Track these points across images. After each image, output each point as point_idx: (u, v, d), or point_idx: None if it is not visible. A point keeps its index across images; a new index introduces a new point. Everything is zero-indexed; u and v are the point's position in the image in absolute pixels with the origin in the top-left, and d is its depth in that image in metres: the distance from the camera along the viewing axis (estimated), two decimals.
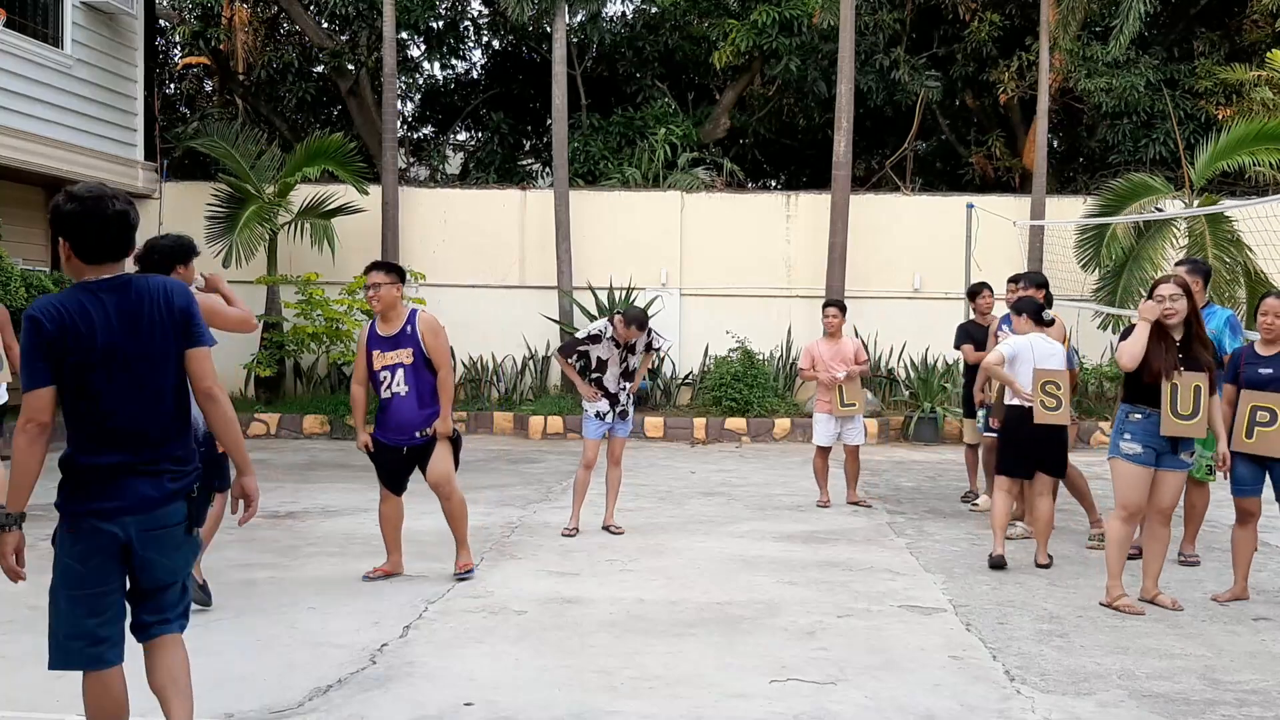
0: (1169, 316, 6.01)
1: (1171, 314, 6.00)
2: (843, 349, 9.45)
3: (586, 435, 8.12)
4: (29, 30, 13.53)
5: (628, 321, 7.96)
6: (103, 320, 3.46)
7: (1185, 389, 5.94)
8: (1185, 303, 6.03)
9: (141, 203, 16.22)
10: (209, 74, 21.51)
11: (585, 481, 8.17)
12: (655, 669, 5.02)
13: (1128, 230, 14.10)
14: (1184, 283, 6.13)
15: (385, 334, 6.50)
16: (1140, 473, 6.05)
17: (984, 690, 4.81)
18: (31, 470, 3.64)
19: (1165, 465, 6.07)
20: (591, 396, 8.01)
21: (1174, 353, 6.02)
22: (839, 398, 9.31)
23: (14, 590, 6.30)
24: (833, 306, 9.62)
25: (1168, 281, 6.13)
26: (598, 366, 8.04)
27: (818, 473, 9.52)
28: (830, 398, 9.34)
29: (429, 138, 22.99)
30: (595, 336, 8.05)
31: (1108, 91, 17.07)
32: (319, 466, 11.46)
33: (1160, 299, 6.03)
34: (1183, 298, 6.03)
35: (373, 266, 6.57)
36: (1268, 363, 6.31)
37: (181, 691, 3.67)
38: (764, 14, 17.83)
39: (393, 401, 6.46)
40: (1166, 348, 6.02)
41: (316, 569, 6.83)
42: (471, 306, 15.85)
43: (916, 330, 15.79)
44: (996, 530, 7.20)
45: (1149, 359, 6.00)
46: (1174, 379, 5.95)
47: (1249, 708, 4.64)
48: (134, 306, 3.50)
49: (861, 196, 16.44)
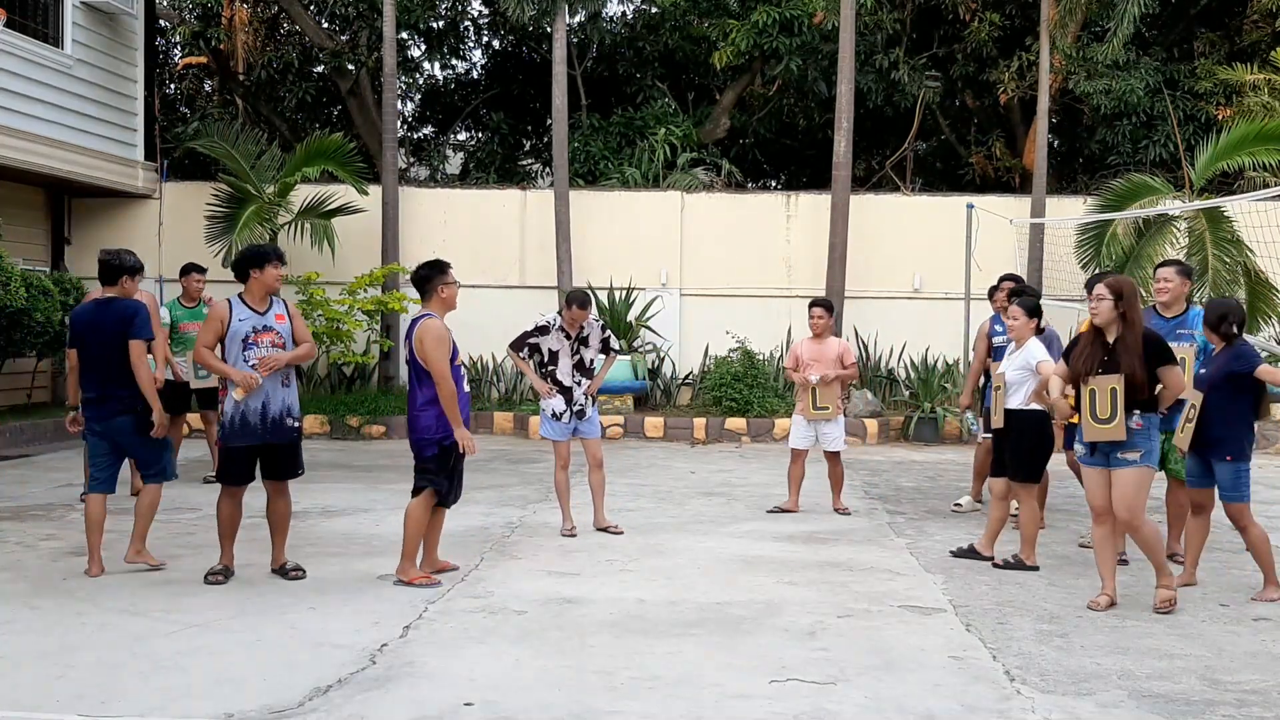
0: (1093, 315, 6.17)
1: (1094, 314, 6.16)
2: (826, 350, 9.13)
3: (549, 436, 8.08)
4: (29, 30, 13.53)
5: (569, 302, 7.99)
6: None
7: (1102, 392, 6.02)
8: (1109, 304, 6.08)
9: (141, 203, 16.24)
10: (209, 74, 21.51)
11: (563, 482, 8.15)
12: (655, 669, 5.02)
13: (1128, 230, 14.10)
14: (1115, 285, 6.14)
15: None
16: (1092, 473, 6.23)
17: (984, 690, 4.81)
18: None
19: (1114, 464, 6.11)
20: (545, 392, 7.97)
21: (1098, 356, 6.10)
22: (811, 401, 9.04)
23: (14, 590, 6.32)
24: (819, 307, 9.26)
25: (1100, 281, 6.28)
26: (550, 359, 8.02)
27: (790, 477, 9.21)
28: (805, 400, 9.12)
29: (429, 138, 23.00)
30: (544, 328, 8.03)
31: (1107, 93, 17.08)
32: (319, 466, 11.45)
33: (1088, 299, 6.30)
34: (1107, 299, 6.08)
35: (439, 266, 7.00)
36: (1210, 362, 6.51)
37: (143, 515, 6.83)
38: (764, 14, 17.84)
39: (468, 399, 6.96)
40: (1091, 352, 6.12)
41: (316, 569, 6.83)
42: (471, 306, 15.75)
43: (916, 330, 15.80)
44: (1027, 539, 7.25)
45: (1071, 364, 6.23)
46: (1090, 384, 6.06)
47: (1249, 708, 4.64)
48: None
49: (861, 196, 16.44)
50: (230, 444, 6.50)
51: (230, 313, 6.51)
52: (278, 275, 6.59)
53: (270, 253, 6.62)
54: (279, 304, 6.70)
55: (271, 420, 6.51)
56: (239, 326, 6.48)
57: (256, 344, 6.48)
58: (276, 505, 6.70)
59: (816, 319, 9.17)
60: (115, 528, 8.10)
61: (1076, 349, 6.26)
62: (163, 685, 4.72)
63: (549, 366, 8.03)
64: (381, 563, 7.04)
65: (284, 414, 6.56)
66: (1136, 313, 6.13)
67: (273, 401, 6.51)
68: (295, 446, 6.68)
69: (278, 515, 6.71)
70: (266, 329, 6.53)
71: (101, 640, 5.35)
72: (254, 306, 6.57)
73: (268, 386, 6.48)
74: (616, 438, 14.15)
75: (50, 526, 8.17)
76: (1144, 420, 6.03)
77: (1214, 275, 13.34)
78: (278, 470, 6.66)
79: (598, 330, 8.19)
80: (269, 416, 6.50)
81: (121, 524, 8.26)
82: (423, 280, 6.74)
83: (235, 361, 6.48)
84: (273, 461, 6.63)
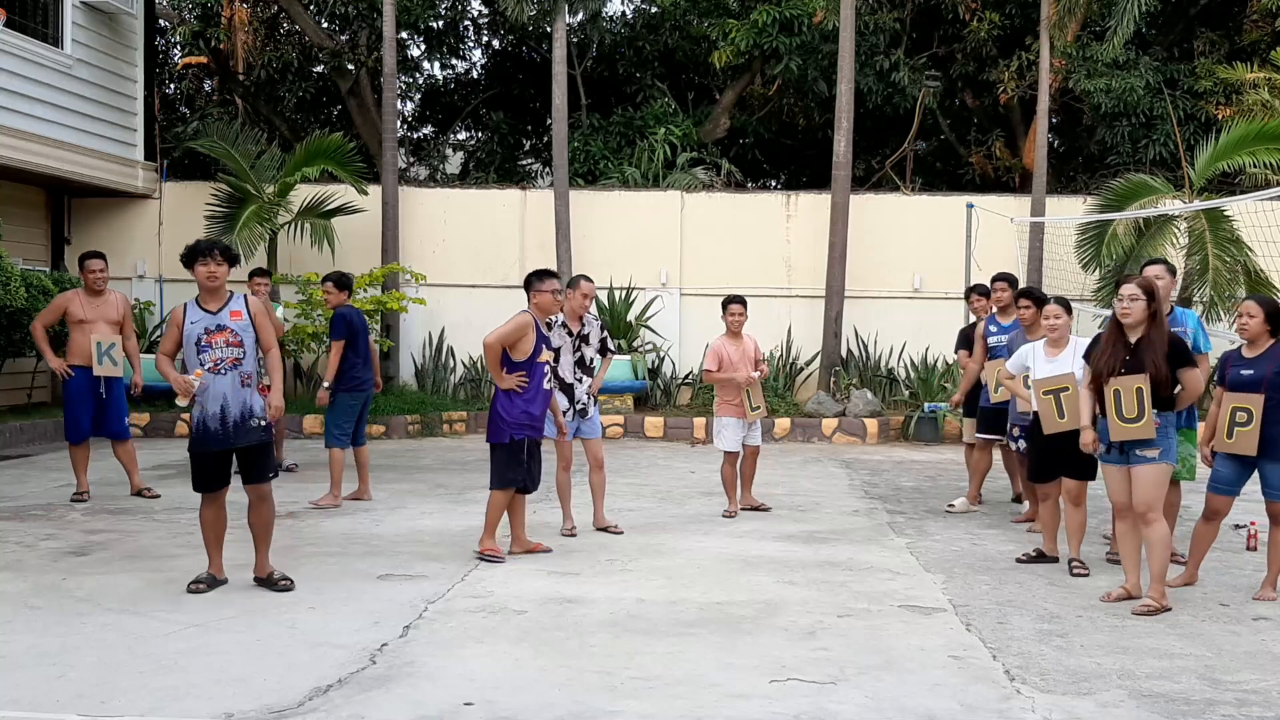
0: (1124, 316, 6.14)
1: (1126, 315, 6.12)
2: (747, 348, 8.94)
3: (550, 435, 7.98)
4: (29, 30, 13.53)
5: (573, 283, 8.09)
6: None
7: (1127, 392, 6.05)
8: (1142, 305, 6.09)
9: (141, 203, 16.25)
10: (209, 74, 21.51)
11: (565, 483, 8.16)
12: (655, 669, 5.02)
13: (1128, 230, 14.10)
14: (1147, 284, 6.17)
15: (546, 333, 7.42)
16: (1112, 471, 6.29)
17: (984, 690, 4.81)
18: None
19: (1133, 461, 6.15)
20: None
21: (1120, 356, 6.12)
22: (748, 401, 8.85)
23: (14, 590, 6.32)
24: (737, 304, 8.91)
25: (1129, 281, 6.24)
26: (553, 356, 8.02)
27: (727, 482, 8.97)
28: (740, 401, 8.83)
29: (429, 138, 23.00)
30: (547, 324, 8.03)
31: (1107, 93, 17.08)
32: (319, 466, 11.45)
33: (1120, 298, 6.16)
34: (1141, 299, 6.10)
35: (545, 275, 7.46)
36: (1249, 364, 6.37)
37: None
38: (764, 14, 17.84)
39: (548, 395, 7.39)
40: (1113, 352, 6.14)
41: (316, 569, 6.83)
42: (472, 306, 15.85)
43: (916, 330, 15.80)
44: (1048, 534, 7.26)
45: (1094, 363, 6.22)
46: (1114, 383, 6.07)
47: (1249, 708, 4.64)
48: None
49: (861, 196, 16.44)
50: (195, 450, 6.30)
51: (184, 317, 6.29)
52: (209, 272, 6.20)
53: (202, 248, 6.27)
54: (237, 300, 6.36)
55: (233, 423, 6.22)
56: (191, 329, 6.24)
57: (210, 345, 6.21)
58: (257, 511, 6.42)
59: (738, 316, 8.90)
60: (113, 528, 8.11)
61: (1098, 349, 6.27)
62: (163, 685, 4.72)
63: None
64: (381, 562, 7.05)
65: (245, 416, 6.25)
66: (1163, 312, 6.18)
67: (231, 404, 6.22)
68: (264, 448, 6.39)
69: (259, 522, 6.42)
70: (220, 328, 6.24)
71: (101, 640, 5.34)
72: (205, 307, 6.28)
73: (225, 390, 6.20)
74: (616, 437, 14.15)
75: (50, 526, 8.17)
76: (1161, 419, 6.08)
77: (1214, 275, 13.35)
78: (249, 473, 6.38)
79: (598, 329, 8.21)
80: (229, 419, 6.21)
81: (119, 524, 8.27)
82: (525, 284, 7.49)
83: (191, 366, 6.25)
84: (244, 465, 6.37)
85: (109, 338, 9.19)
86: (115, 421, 9.37)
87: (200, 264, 6.22)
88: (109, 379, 9.24)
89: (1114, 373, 6.11)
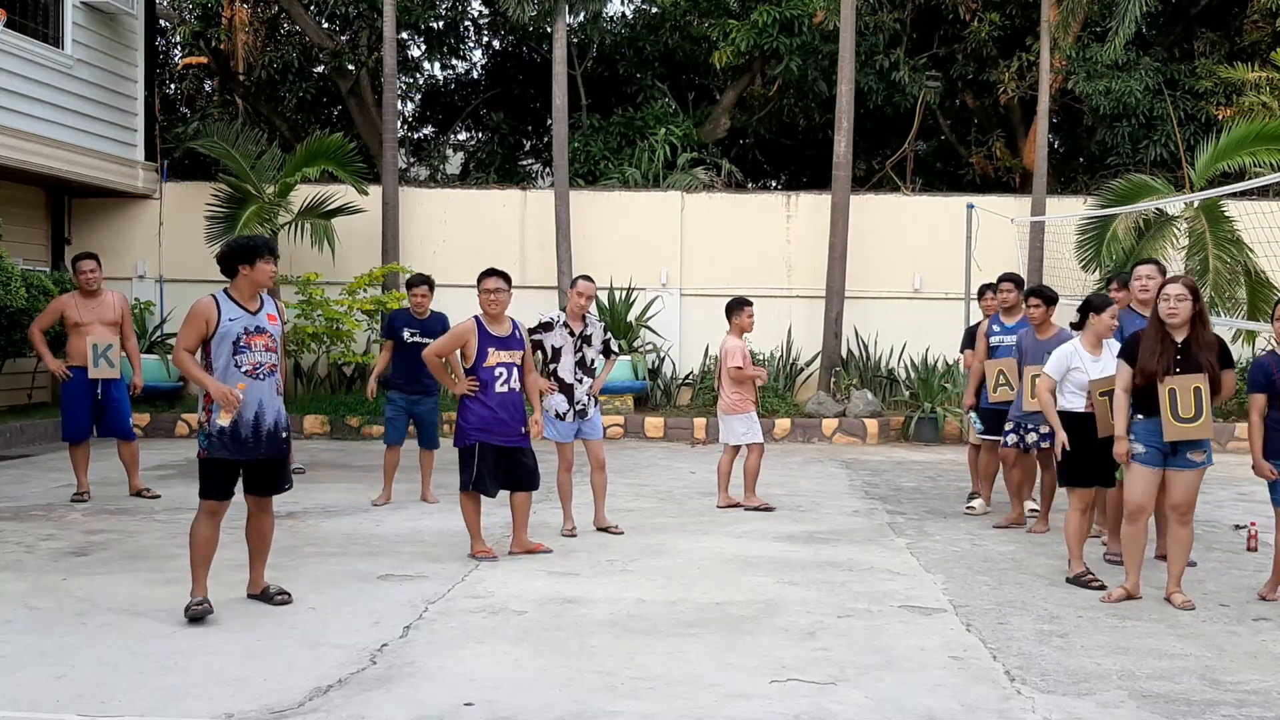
0: (1170, 316, 6.06)
1: (1174, 315, 6.05)
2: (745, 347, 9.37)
3: (551, 437, 8.04)
4: (29, 30, 13.53)
5: (574, 282, 8.11)
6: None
7: (1184, 392, 5.98)
8: (1189, 305, 6.07)
9: (142, 203, 16.25)
10: (209, 74, 21.52)
11: (566, 484, 8.17)
12: (655, 669, 5.02)
13: (1128, 230, 14.10)
14: (1192, 285, 6.17)
15: (498, 334, 7.21)
16: (1146, 473, 6.18)
17: (984, 690, 4.80)
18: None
19: (1172, 464, 6.13)
20: (546, 389, 7.97)
21: (1171, 356, 6.06)
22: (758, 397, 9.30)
23: (14, 590, 6.32)
24: (750, 305, 9.37)
25: (1175, 282, 6.15)
26: (553, 356, 8.02)
27: (722, 473, 9.32)
28: (754, 397, 9.26)
29: (429, 138, 23.00)
30: (548, 324, 8.04)
31: (1107, 94, 17.08)
32: (319, 466, 11.46)
33: (1166, 298, 6.08)
34: (1188, 299, 6.07)
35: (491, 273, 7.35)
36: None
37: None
38: (764, 14, 17.84)
39: (508, 397, 7.12)
40: (1163, 351, 6.07)
41: (316, 569, 6.83)
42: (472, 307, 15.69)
43: (917, 330, 15.79)
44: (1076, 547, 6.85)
45: (1144, 363, 6.09)
46: (1169, 383, 6.00)
47: (1249, 708, 4.64)
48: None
49: (862, 197, 16.44)
50: (214, 454, 5.70)
51: (219, 311, 5.69)
52: (272, 272, 5.80)
53: (262, 245, 5.82)
54: (270, 303, 5.90)
55: (266, 433, 5.76)
56: (229, 327, 5.67)
57: (249, 347, 5.69)
58: (260, 522, 6.01)
59: (752, 317, 9.30)
60: (113, 528, 8.12)
61: (1144, 348, 6.11)
62: (163, 685, 4.72)
63: (551, 364, 8.03)
64: (381, 563, 7.05)
65: (278, 425, 5.82)
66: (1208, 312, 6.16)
67: (267, 412, 5.75)
68: (284, 460, 5.97)
69: (260, 534, 6.02)
70: (259, 330, 5.74)
71: (101, 640, 5.34)
72: (246, 306, 5.76)
73: (262, 396, 5.74)
74: (617, 438, 14.15)
75: (50, 526, 8.17)
76: None
77: (1214, 275, 13.35)
78: (266, 485, 5.93)
79: (600, 330, 8.21)
80: (263, 429, 5.75)
81: (119, 524, 8.27)
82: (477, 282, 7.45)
83: (226, 367, 5.68)
84: (261, 476, 5.89)
85: (106, 339, 9.18)
86: (120, 422, 9.38)
87: (263, 262, 5.74)
88: (108, 380, 9.24)
89: (1168, 372, 6.02)
